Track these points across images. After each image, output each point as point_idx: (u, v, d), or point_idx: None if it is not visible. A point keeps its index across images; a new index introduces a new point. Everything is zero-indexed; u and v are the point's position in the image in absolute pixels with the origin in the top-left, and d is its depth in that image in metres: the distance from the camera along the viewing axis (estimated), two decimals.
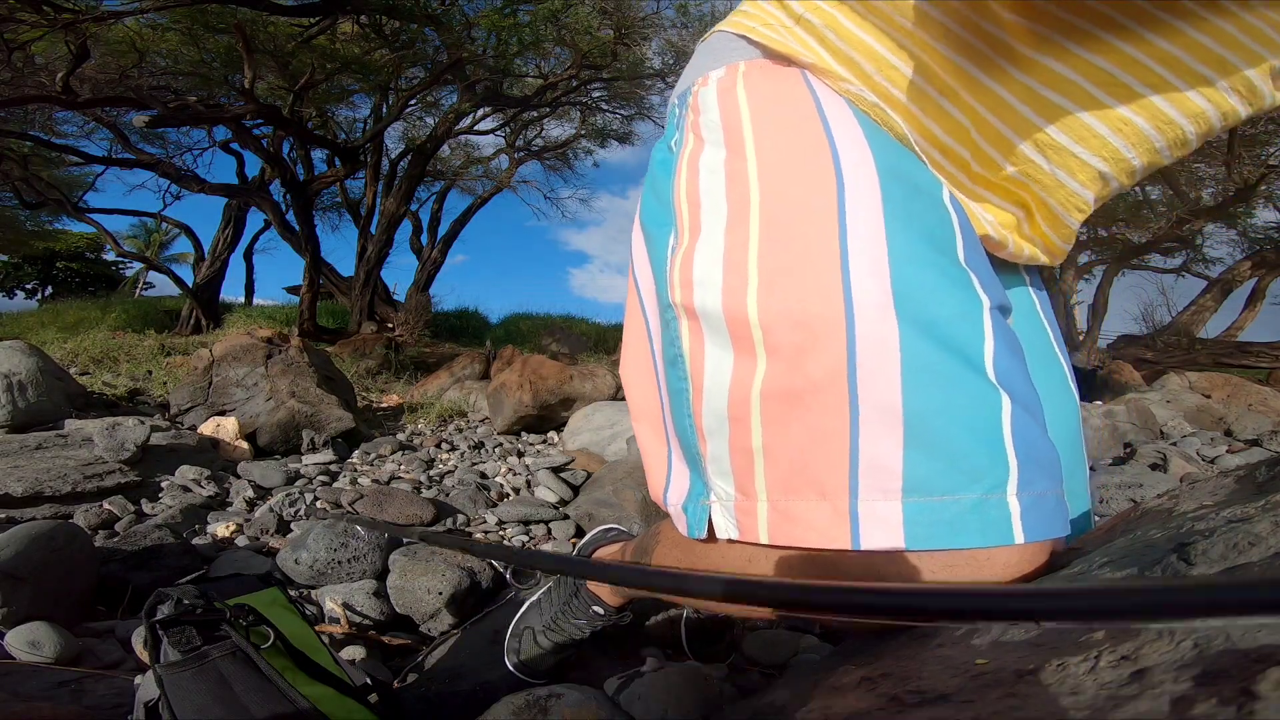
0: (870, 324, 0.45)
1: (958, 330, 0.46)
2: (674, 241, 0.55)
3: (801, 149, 0.51)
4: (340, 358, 5.07)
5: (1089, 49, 0.48)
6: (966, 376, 0.44)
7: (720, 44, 0.61)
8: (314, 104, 7.46)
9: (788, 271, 0.47)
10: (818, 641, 1.12)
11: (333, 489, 2.01)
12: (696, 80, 0.60)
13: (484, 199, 9.58)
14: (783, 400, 0.46)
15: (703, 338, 0.51)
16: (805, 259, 0.47)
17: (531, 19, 5.69)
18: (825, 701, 0.42)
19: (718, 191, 0.53)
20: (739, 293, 0.48)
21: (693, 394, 0.52)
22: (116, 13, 4.88)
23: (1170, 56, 0.47)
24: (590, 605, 0.84)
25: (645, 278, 0.59)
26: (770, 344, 0.47)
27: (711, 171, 0.54)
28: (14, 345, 2.45)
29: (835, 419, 0.44)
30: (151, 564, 1.22)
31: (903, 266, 0.46)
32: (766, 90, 0.55)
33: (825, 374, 0.45)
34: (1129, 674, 0.27)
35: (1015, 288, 0.65)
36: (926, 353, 0.44)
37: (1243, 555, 0.36)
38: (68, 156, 7.11)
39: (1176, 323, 6.21)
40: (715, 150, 0.55)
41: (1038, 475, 0.44)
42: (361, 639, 1.03)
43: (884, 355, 0.44)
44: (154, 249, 17.24)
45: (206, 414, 2.69)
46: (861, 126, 0.52)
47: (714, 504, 0.51)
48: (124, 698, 0.78)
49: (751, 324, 0.48)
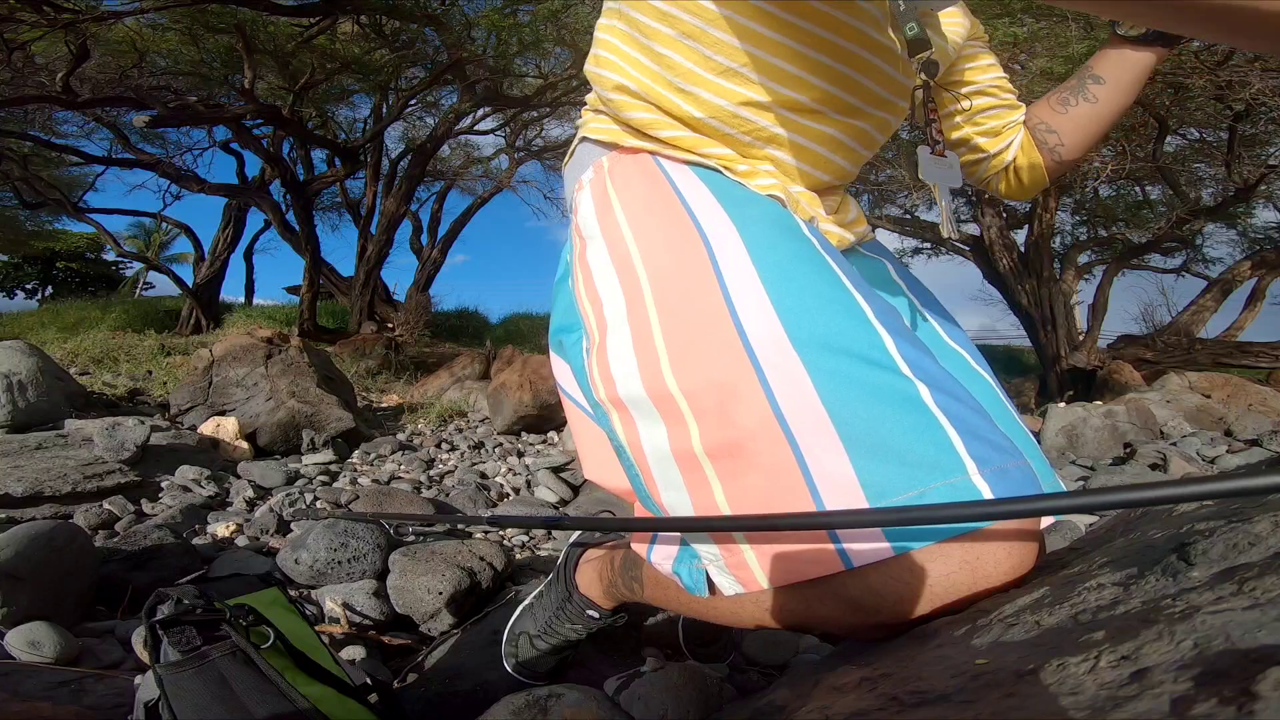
0: (774, 362, 0.48)
1: (853, 338, 0.48)
2: (586, 343, 0.59)
3: (668, 226, 0.57)
4: (340, 358, 5.07)
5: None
6: (879, 376, 0.47)
7: (582, 152, 0.70)
8: (314, 104, 7.46)
9: (691, 340, 0.51)
10: (818, 641, 1.12)
11: (333, 489, 2.01)
12: (573, 188, 0.68)
13: (484, 199, 9.58)
14: (727, 454, 0.48)
15: (635, 423, 0.54)
16: (701, 324, 0.51)
17: (531, 19, 5.69)
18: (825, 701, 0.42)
19: (611, 283, 0.58)
20: (654, 371, 0.52)
21: (644, 478, 0.54)
22: (116, 13, 4.87)
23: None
24: (584, 609, 0.83)
25: (571, 385, 0.64)
26: (697, 409, 0.50)
27: (601, 265, 0.59)
28: (14, 345, 2.45)
29: (780, 454, 0.46)
30: (151, 564, 1.21)
31: (783, 300, 0.50)
32: (627, 180, 0.62)
33: (755, 419, 0.47)
34: (1129, 674, 0.27)
35: (884, 282, 0.71)
36: (833, 367, 0.47)
37: (1243, 555, 0.36)
38: (68, 156, 7.11)
39: (1176, 323, 6.20)
40: (598, 244, 0.60)
41: (991, 452, 0.45)
42: (361, 639, 1.03)
43: (797, 384, 0.47)
44: (154, 249, 17.22)
45: (206, 414, 2.69)
46: (707, 185, 0.59)
47: (707, 565, 0.51)
48: (124, 698, 0.78)
49: (675, 396, 0.51)
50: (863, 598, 0.45)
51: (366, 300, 7.26)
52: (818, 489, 0.45)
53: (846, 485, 0.44)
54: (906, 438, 0.44)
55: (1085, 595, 0.39)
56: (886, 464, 0.44)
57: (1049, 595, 0.42)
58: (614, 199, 0.62)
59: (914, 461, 0.44)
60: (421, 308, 6.87)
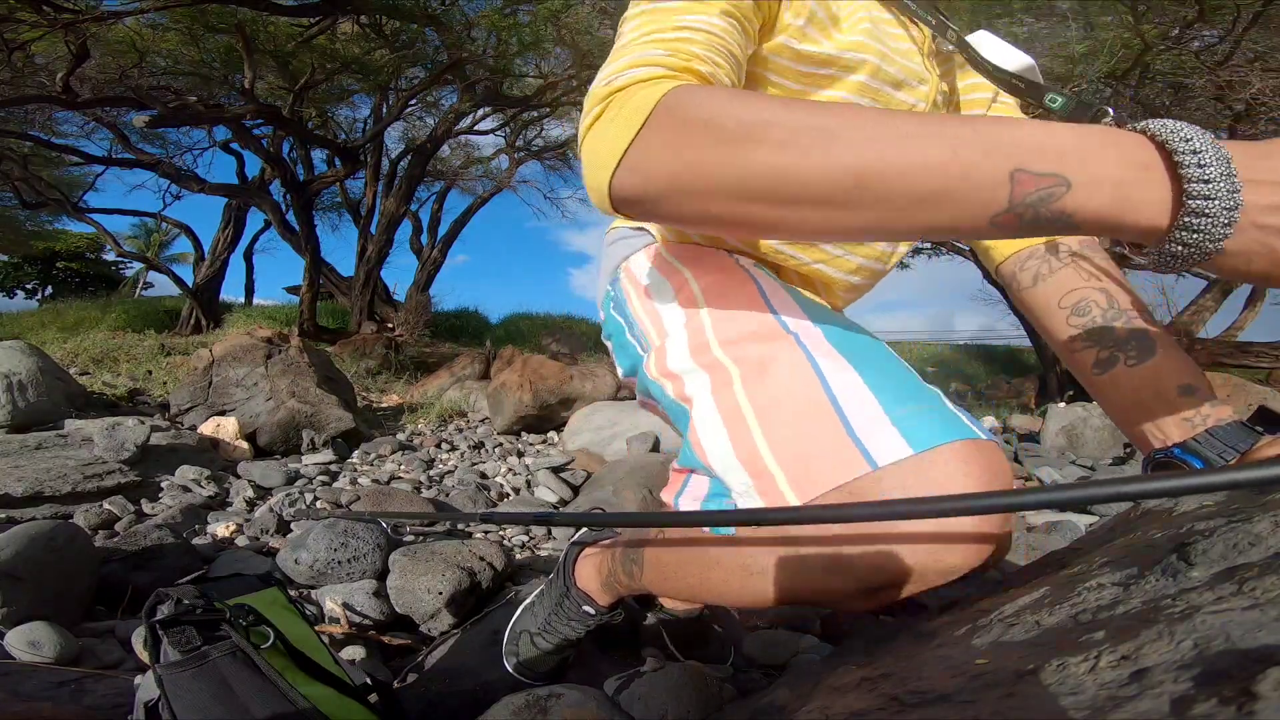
0: (800, 326, 0.61)
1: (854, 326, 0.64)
2: (644, 354, 0.73)
3: (727, 271, 0.70)
4: (340, 358, 5.07)
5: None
6: (876, 348, 0.60)
7: (624, 233, 0.84)
8: (314, 104, 7.46)
9: (731, 318, 0.64)
10: (818, 641, 1.12)
11: (333, 489, 2.01)
12: (622, 259, 0.82)
13: (484, 199, 9.58)
14: (758, 376, 0.57)
15: (683, 382, 0.64)
16: (743, 310, 0.64)
17: (531, 19, 5.69)
18: (825, 701, 0.42)
19: (673, 307, 0.71)
20: (701, 336, 0.65)
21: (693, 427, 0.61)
22: (116, 13, 4.87)
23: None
24: (581, 605, 0.84)
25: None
26: (735, 356, 0.60)
27: (664, 299, 0.73)
28: (14, 345, 2.45)
29: (804, 373, 0.55)
30: (151, 564, 1.21)
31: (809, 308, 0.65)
32: (681, 250, 0.76)
33: (783, 344, 0.59)
34: (1129, 674, 0.27)
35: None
36: (839, 334, 0.60)
37: (1243, 555, 0.36)
38: (68, 156, 7.11)
39: (1176, 323, 6.20)
40: (664, 286, 0.74)
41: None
42: (361, 639, 1.03)
43: (815, 337, 0.59)
44: (154, 249, 17.22)
45: (206, 414, 2.69)
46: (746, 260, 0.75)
47: (738, 497, 0.56)
48: (124, 698, 0.78)
49: (715, 350, 0.62)
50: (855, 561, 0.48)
51: (366, 300, 7.26)
52: (838, 401, 0.52)
53: (861, 397, 0.52)
54: (900, 373, 0.56)
55: (1085, 595, 0.39)
56: (888, 382, 0.53)
57: (1049, 595, 0.42)
58: (671, 258, 0.75)
59: (910, 393, 0.53)
60: (421, 308, 6.88)
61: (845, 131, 0.40)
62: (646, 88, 0.47)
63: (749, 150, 0.41)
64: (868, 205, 0.39)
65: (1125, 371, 0.62)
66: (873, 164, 0.39)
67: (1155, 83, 4.44)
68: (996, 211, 0.36)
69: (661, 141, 0.45)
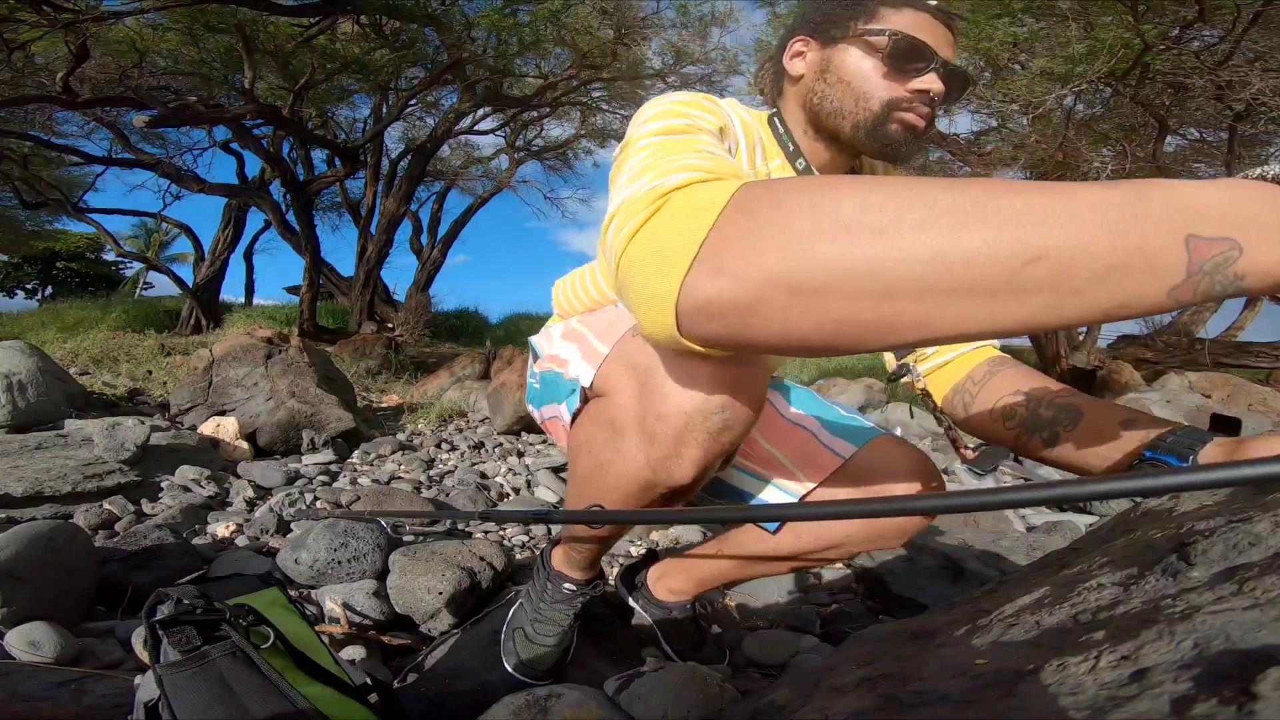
0: None
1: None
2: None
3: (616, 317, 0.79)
4: (340, 358, 5.07)
5: None
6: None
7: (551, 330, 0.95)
8: (314, 104, 7.46)
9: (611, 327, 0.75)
10: (818, 641, 1.12)
11: (333, 489, 2.01)
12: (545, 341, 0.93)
13: (484, 199, 9.58)
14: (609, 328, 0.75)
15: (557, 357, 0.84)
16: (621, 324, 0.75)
17: (531, 19, 5.69)
18: (825, 701, 0.42)
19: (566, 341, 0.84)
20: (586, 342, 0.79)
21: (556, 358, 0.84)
22: (116, 13, 4.87)
23: None
24: (561, 584, 0.91)
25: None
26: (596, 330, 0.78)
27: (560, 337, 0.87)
28: (14, 345, 2.45)
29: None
30: (151, 564, 1.21)
31: None
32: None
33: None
34: (1129, 674, 0.27)
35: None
36: None
37: (1242, 555, 0.36)
38: (68, 156, 7.10)
39: (1176, 323, 6.20)
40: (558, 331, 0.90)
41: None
42: (361, 639, 1.03)
43: None
44: (154, 249, 17.21)
45: (206, 414, 2.69)
46: None
47: (571, 369, 0.77)
48: (124, 698, 0.78)
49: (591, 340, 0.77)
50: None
51: (366, 300, 7.26)
52: None
53: None
54: None
55: (1085, 595, 0.39)
56: None
57: (1049, 595, 0.42)
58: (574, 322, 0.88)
59: None
60: (421, 308, 6.88)
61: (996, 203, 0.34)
62: (710, 187, 0.40)
63: (879, 236, 0.34)
64: (1036, 290, 0.33)
65: (1069, 436, 0.68)
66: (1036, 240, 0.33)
67: (1155, 83, 4.43)
68: (1175, 285, 0.33)
69: (756, 231, 0.36)
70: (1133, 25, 3.82)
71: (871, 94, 0.73)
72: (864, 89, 0.74)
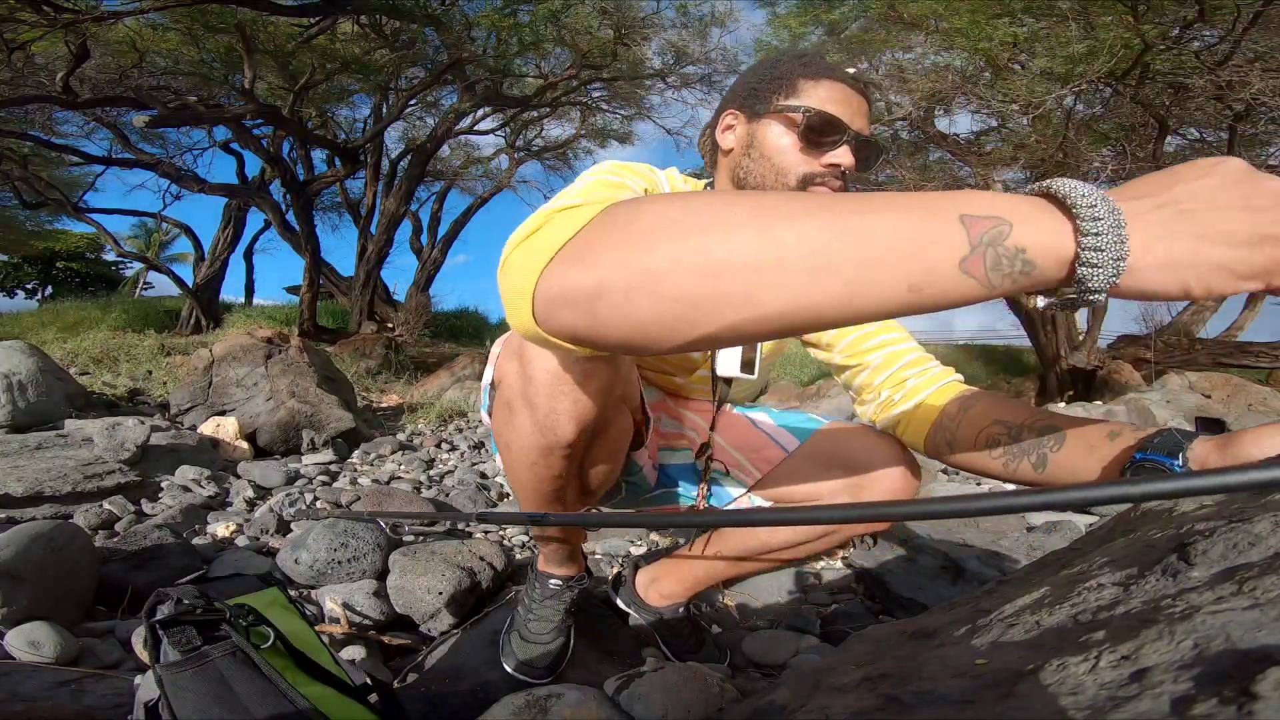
0: None
1: None
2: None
3: None
4: (340, 358, 5.07)
5: None
6: None
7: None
8: (314, 104, 7.46)
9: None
10: (818, 641, 1.12)
11: (333, 489, 2.01)
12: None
13: (484, 199, 9.59)
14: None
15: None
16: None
17: (531, 19, 5.69)
18: (825, 701, 0.41)
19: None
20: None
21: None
22: (116, 13, 4.87)
23: None
24: (548, 580, 0.97)
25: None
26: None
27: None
28: (14, 345, 2.45)
29: None
30: (151, 564, 1.21)
31: None
32: None
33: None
34: (1129, 674, 0.27)
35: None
36: None
37: (1242, 555, 0.36)
38: (68, 156, 7.11)
39: (1176, 323, 6.20)
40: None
41: None
42: (361, 639, 1.03)
43: None
44: (154, 249, 17.20)
45: (206, 414, 2.69)
46: None
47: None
48: (124, 698, 0.78)
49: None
50: None
51: (366, 300, 7.26)
52: None
53: None
54: None
55: (1085, 595, 0.39)
56: None
57: (1049, 595, 0.42)
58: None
59: None
60: (421, 308, 6.88)
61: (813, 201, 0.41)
62: (593, 206, 0.45)
63: (713, 226, 0.40)
64: (843, 262, 0.38)
65: (1056, 455, 0.70)
66: (840, 222, 0.39)
67: (1155, 83, 4.43)
68: (963, 255, 0.37)
69: (611, 230, 0.42)
70: (1133, 25, 3.82)
71: (789, 169, 0.79)
72: (782, 164, 0.79)
